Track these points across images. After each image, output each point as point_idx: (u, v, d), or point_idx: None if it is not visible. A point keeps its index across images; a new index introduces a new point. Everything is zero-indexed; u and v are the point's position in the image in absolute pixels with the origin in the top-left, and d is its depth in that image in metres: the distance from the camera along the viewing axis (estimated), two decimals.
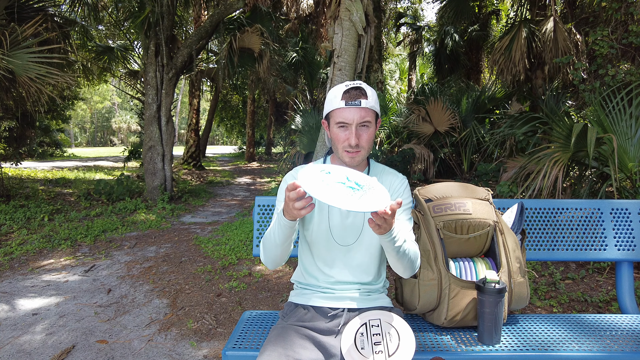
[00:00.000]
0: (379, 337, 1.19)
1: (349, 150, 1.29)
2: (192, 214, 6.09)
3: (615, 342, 1.42)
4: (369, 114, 1.27)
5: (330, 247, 1.37)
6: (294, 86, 13.58)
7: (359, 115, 1.26)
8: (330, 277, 1.38)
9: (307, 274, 1.43)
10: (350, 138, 1.27)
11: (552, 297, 2.81)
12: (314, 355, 1.17)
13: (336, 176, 1.09)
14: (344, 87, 1.29)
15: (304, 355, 1.15)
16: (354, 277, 1.37)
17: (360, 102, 1.25)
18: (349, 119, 1.26)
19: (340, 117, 1.27)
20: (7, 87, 5.22)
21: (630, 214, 1.83)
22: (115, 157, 19.82)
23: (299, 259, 1.49)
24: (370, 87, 1.32)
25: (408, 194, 1.42)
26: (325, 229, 1.36)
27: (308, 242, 1.41)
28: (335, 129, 1.30)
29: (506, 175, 4.30)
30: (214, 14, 6.94)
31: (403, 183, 1.41)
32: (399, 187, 1.40)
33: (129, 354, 2.22)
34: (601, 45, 4.13)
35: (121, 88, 12.58)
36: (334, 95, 1.30)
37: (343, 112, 1.27)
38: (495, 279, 1.36)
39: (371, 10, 4.27)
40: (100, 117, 53.49)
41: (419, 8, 16.56)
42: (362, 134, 1.28)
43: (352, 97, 1.25)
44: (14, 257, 3.88)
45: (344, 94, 1.27)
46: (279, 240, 1.22)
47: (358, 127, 1.27)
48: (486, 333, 1.38)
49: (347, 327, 1.23)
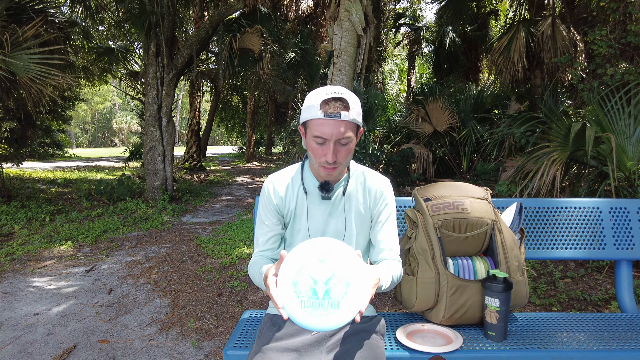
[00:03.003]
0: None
1: (325, 166, 1.20)
2: (193, 214, 6.10)
3: (614, 341, 1.43)
4: (349, 128, 1.16)
5: None
6: (293, 87, 13.59)
7: (338, 131, 1.14)
8: None
9: None
10: (328, 154, 1.16)
11: (552, 296, 2.82)
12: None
13: (304, 283, 1.02)
14: (324, 94, 1.15)
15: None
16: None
17: (341, 114, 1.13)
18: (327, 134, 1.14)
19: (318, 131, 1.15)
20: (8, 87, 5.24)
21: (629, 213, 1.84)
22: (116, 157, 19.84)
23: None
24: (353, 95, 1.19)
25: (392, 200, 1.36)
26: (304, 236, 1.32)
27: (288, 246, 1.37)
28: (311, 142, 1.19)
29: (505, 175, 4.31)
30: (214, 15, 6.96)
31: (388, 188, 1.35)
32: (385, 193, 1.34)
33: (130, 354, 2.23)
34: (600, 45, 4.14)
35: (122, 89, 12.59)
36: (311, 103, 1.17)
37: (321, 126, 1.14)
38: (504, 275, 1.39)
39: (370, 10, 4.28)
40: (101, 117, 53.52)
41: (418, 8, 16.57)
42: (340, 150, 1.18)
43: (332, 109, 1.13)
44: (15, 258, 3.89)
45: (322, 103, 1.14)
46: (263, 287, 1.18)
47: (337, 143, 1.16)
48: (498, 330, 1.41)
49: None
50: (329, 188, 1.28)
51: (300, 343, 1.19)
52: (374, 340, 1.21)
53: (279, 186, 1.34)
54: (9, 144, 7.58)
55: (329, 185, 1.29)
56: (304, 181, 1.33)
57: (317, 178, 1.32)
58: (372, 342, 1.20)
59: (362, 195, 1.34)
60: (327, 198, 1.31)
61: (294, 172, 1.36)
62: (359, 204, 1.34)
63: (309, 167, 1.35)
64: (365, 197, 1.34)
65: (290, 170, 1.37)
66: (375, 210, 1.34)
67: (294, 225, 1.34)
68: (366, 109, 6.90)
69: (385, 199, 1.35)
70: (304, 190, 1.32)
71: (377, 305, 2.83)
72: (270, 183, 1.34)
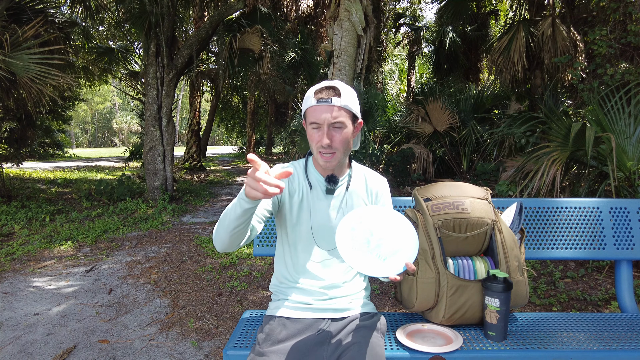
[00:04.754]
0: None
1: (322, 151, 1.25)
2: (193, 214, 6.10)
3: (614, 341, 1.43)
4: (341, 113, 1.22)
5: (311, 251, 1.33)
6: (293, 87, 13.59)
7: (330, 115, 1.21)
8: (311, 284, 1.33)
9: (286, 280, 1.37)
10: (322, 138, 1.22)
11: (552, 296, 2.82)
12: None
13: (361, 232, 1.17)
14: (319, 85, 1.26)
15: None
16: (334, 284, 1.33)
17: (332, 99, 1.21)
18: (320, 119, 1.22)
19: (313, 117, 1.23)
20: (8, 88, 5.24)
21: (629, 213, 1.84)
22: (116, 157, 19.84)
23: (275, 264, 1.43)
24: (347, 87, 1.27)
25: (389, 198, 1.44)
26: (307, 230, 1.32)
27: (289, 243, 1.36)
28: (309, 129, 1.27)
29: (505, 175, 4.31)
30: (214, 15, 6.96)
31: (386, 187, 1.43)
32: (384, 192, 1.42)
33: (130, 354, 2.23)
34: (600, 45, 4.14)
35: (122, 89, 12.60)
36: (308, 94, 1.27)
37: (315, 111, 1.23)
38: (504, 275, 1.39)
39: (370, 10, 4.28)
40: (101, 117, 53.55)
41: (418, 8, 16.57)
42: (334, 135, 1.23)
43: (324, 95, 1.22)
44: (15, 258, 3.90)
45: (316, 92, 1.24)
46: (232, 217, 1.09)
47: (330, 127, 1.23)
48: (498, 330, 1.41)
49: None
50: (336, 180, 1.33)
51: (302, 343, 1.19)
52: (374, 338, 1.22)
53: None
54: (9, 144, 7.58)
55: (336, 178, 1.33)
56: (309, 176, 1.36)
57: (322, 173, 1.35)
58: (372, 340, 1.21)
59: (365, 193, 1.39)
60: (332, 191, 1.34)
61: (299, 167, 1.39)
62: (361, 201, 1.37)
63: (312, 163, 1.38)
64: (367, 195, 1.39)
65: (295, 164, 1.40)
66: None
67: (298, 218, 1.34)
68: (366, 109, 6.89)
69: (384, 197, 1.41)
70: (309, 184, 1.34)
71: (377, 305, 2.83)
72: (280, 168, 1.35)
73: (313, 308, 1.32)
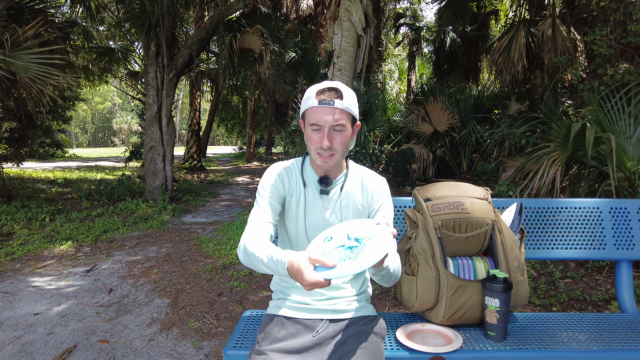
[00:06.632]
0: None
1: (321, 153, 1.24)
2: (193, 214, 6.10)
3: (614, 341, 1.43)
4: (343, 116, 1.22)
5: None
6: (293, 87, 13.59)
7: (332, 118, 1.21)
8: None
9: (286, 279, 1.37)
10: (323, 140, 1.22)
11: (552, 296, 2.82)
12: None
13: (337, 241, 1.12)
14: (320, 86, 1.25)
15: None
16: (335, 286, 1.33)
17: (334, 102, 1.20)
18: (322, 121, 1.21)
19: (314, 119, 1.22)
20: (8, 87, 5.24)
21: (629, 213, 1.84)
22: (117, 157, 19.84)
23: None
24: (348, 88, 1.27)
25: (389, 198, 1.39)
26: (301, 228, 1.33)
27: (289, 241, 1.36)
28: (309, 131, 1.26)
29: (505, 175, 4.31)
30: (214, 15, 6.96)
31: (384, 186, 1.39)
32: (381, 192, 1.37)
33: (131, 354, 2.23)
34: (600, 45, 4.14)
35: (122, 89, 12.60)
36: (309, 94, 1.25)
37: (316, 113, 1.22)
38: (504, 275, 1.39)
39: (370, 10, 4.29)
40: (101, 117, 53.53)
41: (418, 8, 16.58)
42: (335, 137, 1.23)
43: (326, 97, 1.21)
44: (15, 258, 3.90)
45: (317, 93, 1.23)
46: (264, 269, 1.15)
47: (331, 129, 1.22)
48: (498, 330, 1.41)
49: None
50: (328, 182, 1.31)
51: (301, 344, 1.19)
52: (374, 342, 1.21)
53: (285, 173, 1.35)
54: (9, 144, 7.58)
55: (328, 179, 1.31)
56: (304, 175, 1.36)
57: (317, 172, 1.34)
58: (372, 344, 1.20)
59: (360, 193, 1.36)
60: (326, 192, 1.33)
61: (296, 165, 1.38)
62: (356, 201, 1.35)
63: (309, 162, 1.38)
64: (363, 195, 1.37)
65: (291, 163, 1.40)
66: (372, 207, 1.36)
67: (295, 217, 1.34)
68: (366, 109, 6.89)
69: (382, 196, 1.37)
70: (303, 182, 1.34)
71: (377, 306, 2.83)
72: (278, 167, 1.36)
73: (311, 309, 1.31)
